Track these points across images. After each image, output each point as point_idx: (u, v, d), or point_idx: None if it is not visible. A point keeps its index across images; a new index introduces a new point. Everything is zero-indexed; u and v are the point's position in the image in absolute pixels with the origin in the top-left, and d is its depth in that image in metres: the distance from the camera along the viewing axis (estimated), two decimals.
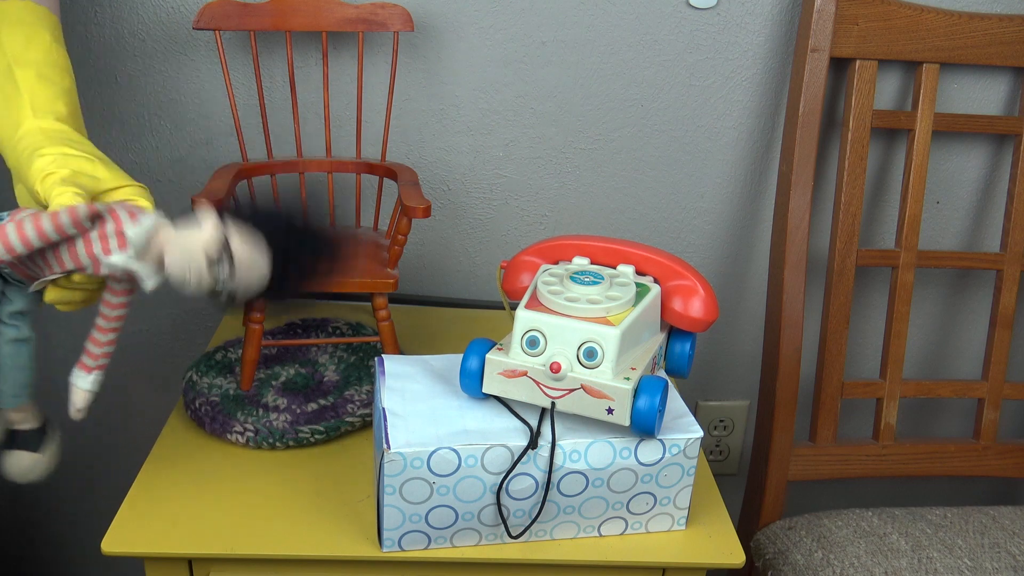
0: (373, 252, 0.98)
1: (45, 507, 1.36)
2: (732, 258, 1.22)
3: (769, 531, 1.10)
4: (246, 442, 0.87)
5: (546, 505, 0.74)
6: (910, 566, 0.99)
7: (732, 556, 0.77)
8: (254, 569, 0.78)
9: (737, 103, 1.13)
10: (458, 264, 1.21)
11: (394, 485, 0.71)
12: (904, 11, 1.05)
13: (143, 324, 1.21)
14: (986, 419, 1.17)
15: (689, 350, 0.82)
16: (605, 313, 0.72)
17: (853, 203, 1.09)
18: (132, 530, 0.76)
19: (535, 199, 1.17)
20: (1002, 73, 1.14)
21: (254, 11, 0.99)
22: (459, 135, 1.13)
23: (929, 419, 1.36)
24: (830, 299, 1.11)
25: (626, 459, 0.73)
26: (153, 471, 0.84)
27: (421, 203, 0.88)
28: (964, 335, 1.30)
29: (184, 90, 1.09)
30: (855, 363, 1.30)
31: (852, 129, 1.08)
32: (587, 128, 1.14)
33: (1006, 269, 1.14)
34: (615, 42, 1.09)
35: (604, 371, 0.70)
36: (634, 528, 0.78)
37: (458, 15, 1.07)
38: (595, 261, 0.83)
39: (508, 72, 1.10)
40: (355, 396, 0.94)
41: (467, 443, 0.71)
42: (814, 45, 1.04)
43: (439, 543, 0.75)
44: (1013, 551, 1.02)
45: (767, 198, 1.19)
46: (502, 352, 0.73)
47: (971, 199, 1.21)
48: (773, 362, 1.12)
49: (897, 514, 1.08)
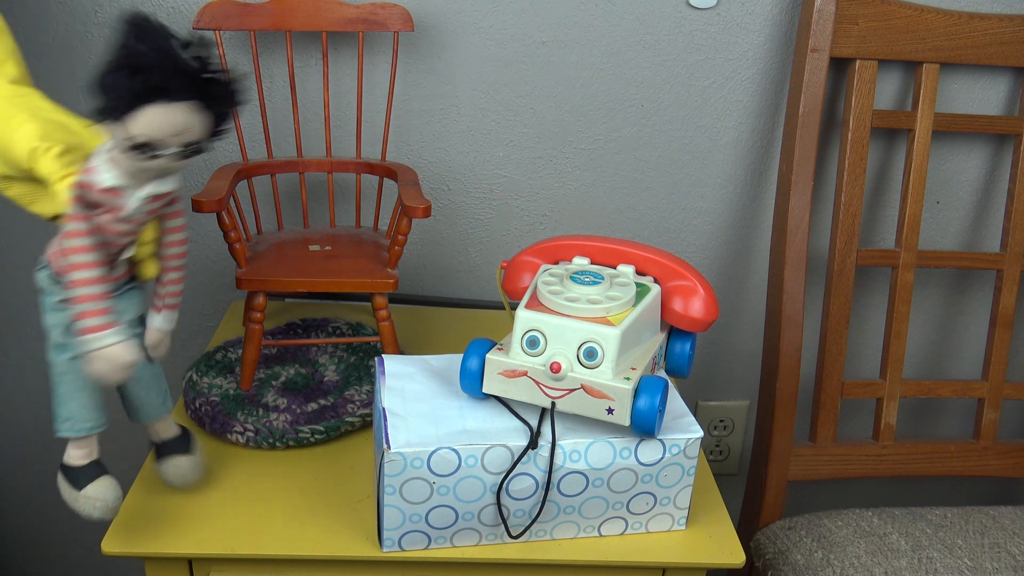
0: (373, 252, 0.98)
1: (45, 507, 1.36)
2: (732, 258, 1.23)
3: (769, 531, 1.10)
4: (246, 442, 0.87)
5: (546, 505, 0.74)
6: (910, 566, 0.99)
7: (732, 556, 0.77)
8: (254, 569, 0.78)
9: (737, 103, 1.13)
10: (458, 264, 1.21)
11: (394, 485, 0.71)
12: (904, 11, 1.05)
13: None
14: (986, 419, 1.17)
15: (689, 350, 0.82)
16: (605, 313, 0.72)
17: (853, 203, 1.09)
18: (132, 530, 0.76)
19: (535, 199, 1.17)
20: (1002, 73, 1.14)
21: (254, 11, 0.99)
22: (459, 135, 1.13)
23: (929, 419, 1.36)
24: (830, 299, 1.11)
25: (626, 459, 0.73)
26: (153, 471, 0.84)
27: (421, 203, 0.88)
28: (964, 335, 1.30)
29: None
30: (855, 363, 1.30)
31: (852, 129, 1.08)
32: (587, 128, 1.14)
33: (1006, 269, 1.14)
34: (615, 42, 1.09)
35: (604, 371, 0.70)
36: (634, 528, 0.78)
37: (458, 15, 1.07)
38: (595, 261, 0.83)
39: (508, 72, 1.10)
40: (355, 396, 0.94)
41: (467, 443, 0.71)
42: (814, 45, 1.04)
43: (439, 543, 0.75)
44: (1013, 551, 1.02)
45: (767, 198, 1.19)
46: (502, 352, 0.73)
47: (971, 199, 1.21)
48: (773, 362, 1.12)
49: (897, 514, 1.08)
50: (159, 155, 0.62)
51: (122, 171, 0.63)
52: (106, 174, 0.63)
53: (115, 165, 0.63)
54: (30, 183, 0.67)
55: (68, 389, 0.69)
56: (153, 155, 0.62)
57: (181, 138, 0.62)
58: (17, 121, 0.64)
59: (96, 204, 0.64)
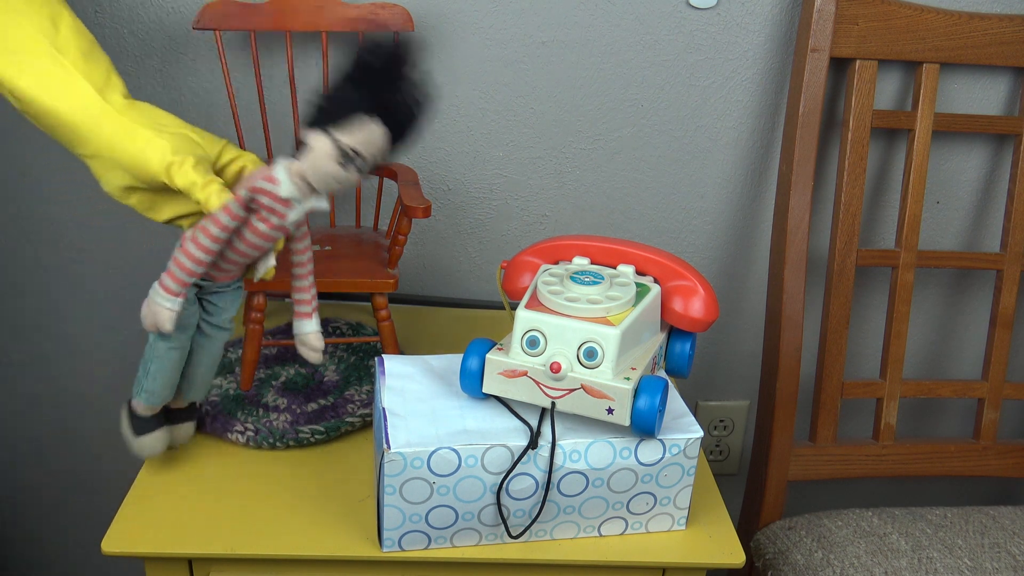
0: (373, 252, 0.98)
1: (45, 507, 1.36)
2: (732, 258, 1.22)
3: (769, 531, 1.10)
4: (246, 442, 0.87)
5: (546, 505, 0.74)
6: (910, 566, 0.99)
7: (732, 556, 0.77)
8: (254, 569, 0.78)
9: (737, 103, 1.13)
10: (458, 264, 1.21)
11: (394, 485, 0.71)
12: (904, 11, 1.05)
13: None
14: (986, 419, 1.17)
15: (689, 350, 0.82)
16: (605, 313, 0.72)
17: (853, 203, 1.09)
18: (132, 530, 0.76)
19: (535, 199, 1.17)
20: (1002, 73, 1.14)
21: (254, 11, 0.99)
22: (459, 135, 1.13)
23: (929, 419, 1.36)
24: (830, 299, 1.11)
25: (626, 459, 0.73)
26: (153, 471, 0.84)
27: (421, 203, 0.88)
28: (964, 335, 1.30)
29: (184, 90, 1.09)
30: (855, 363, 1.30)
31: (852, 129, 1.08)
32: (587, 128, 1.14)
33: (1006, 269, 1.14)
34: (615, 42, 1.09)
35: (604, 371, 0.70)
36: (634, 528, 0.78)
37: (458, 15, 1.07)
38: (595, 261, 0.83)
39: (508, 72, 1.10)
40: (355, 396, 0.94)
41: (467, 443, 0.71)
42: (814, 45, 1.04)
43: (439, 543, 0.75)
44: (1013, 551, 1.02)
45: (767, 198, 1.19)
46: (502, 352, 0.73)
47: (971, 199, 1.21)
48: (773, 362, 1.12)
49: (897, 514, 1.08)
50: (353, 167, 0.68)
51: (298, 184, 0.70)
52: (286, 185, 0.69)
53: (293, 177, 0.69)
54: (151, 192, 0.72)
55: (157, 369, 0.77)
56: (351, 166, 0.68)
57: (375, 156, 0.69)
58: (144, 137, 0.69)
59: (259, 209, 0.70)
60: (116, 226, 1.16)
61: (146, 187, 0.71)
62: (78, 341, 1.23)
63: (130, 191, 0.72)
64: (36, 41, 0.69)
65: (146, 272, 1.18)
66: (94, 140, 0.70)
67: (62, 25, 0.71)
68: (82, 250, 1.17)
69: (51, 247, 1.17)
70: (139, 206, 0.73)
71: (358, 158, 0.68)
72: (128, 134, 0.69)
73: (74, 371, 1.25)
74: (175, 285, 0.70)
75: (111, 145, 0.69)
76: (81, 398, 1.27)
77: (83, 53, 0.71)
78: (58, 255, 1.18)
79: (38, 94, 0.69)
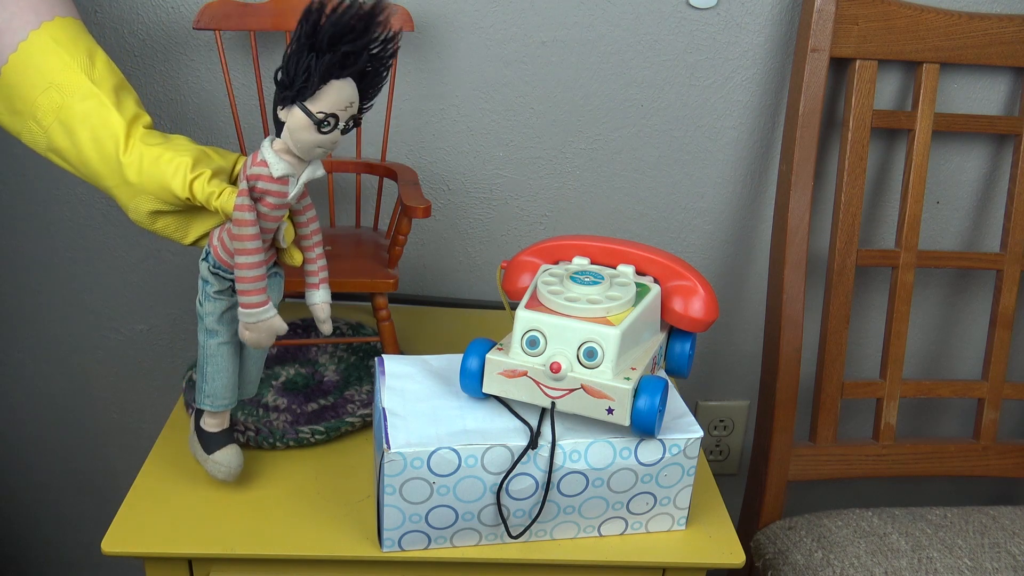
0: (373, 252, 0.98)
1: (45, 507, 1.36)
2: (732, 258, 1.23)
3: (769, 531, 1.10)
4: (246, 442, 0.87)
5: (546, 505, 0.74)
6: (910, 566, 0.99)
7: (732, 556, 0.77)
8: (254, 569, 0.78)
9: (737, 103, 1.13)
10: (458, 264, 1.21)
11: (394, 485, 0.71)
12: (904, 11, 1.05)
13: (143, 324, 1.22)
14: (986, 419, 1.17)
15: (689, 350, 0.82)
16: (605, 313, 0.72)
17: (853, 203, 1.09)
18: (132, 530, 0.76)
19: (535, 199, 1.17)
20: (1002, 73, 1.14)
21: (254, 11, 0.99)
22: (459, 135, 1.13)
23: (929, 419, 1.36)
24: (830, 299, 1.11)
25: (626, 459, 0.73)
26: (153, 471, 0.84)
27: (421, 203, 0.88)
28: (964, 335, 1.30)
29: (184, 90, 1.09)
30: (855, 363, 1.30)
31: (852, 129, 1.08)
32: (587, 128, 1.14)
33: (1006, 269, 1.14)
34: (615, 42, 1.09)
35: (604, 371, 0.70)
36: (634, 528, 0.78)
37: (458, 15, 1.07)
38: (595, 261, 0.83)
39: (508, 72, 1.10)
40: (355, 396, 0.94)
41: (467, 443, 0.71)
42: (814, 45, 1.04)
43: (439, 543, 0.75)
44: (1013, 551, 1.02)
45: (767, 198, 1.19)
46: (502, 352, 0.73)
47: (971, 199, 1.21)
48: (773, 362, 1.12)
49: (897, 514, 1.08)
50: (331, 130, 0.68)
51: (287, 160, 0.70)
52: (277, 164, 0.69)
53: (281, 155, 0.69)
54: (177, 216, 0.75)
55: (213, 370, 0.76)
56: (330, 129, 0.68)
57: (349, 111, 0.68)
58: (166, 158, 0.72)
59: (261, 195, 0.70)
60: (116, 226, 1.16)
61: (172, 208, 0.74)
62: (78, 341, 1.23)
63: (156, 216, 0.74)
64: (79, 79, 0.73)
65: (146, 271, 1.18)
66: (121, 172, 0.73)
67: (98, 59, 0.75)
68: (82, 250, 1.17)
69: (51, 247, 1.17)
70: (166, 230, 0.76)
71: (332, 118, 0.67)
72: (153, 159, 0.72)
73: (74, 371, 1.25)
74: (257, 297, 0.71)
75: (139, 171, 0.72)
76: (81, 398, 1.27)
77: (114, 88, 0.74)
78: (58, 255, 1.18)
79: (75, 155, 0.74)
